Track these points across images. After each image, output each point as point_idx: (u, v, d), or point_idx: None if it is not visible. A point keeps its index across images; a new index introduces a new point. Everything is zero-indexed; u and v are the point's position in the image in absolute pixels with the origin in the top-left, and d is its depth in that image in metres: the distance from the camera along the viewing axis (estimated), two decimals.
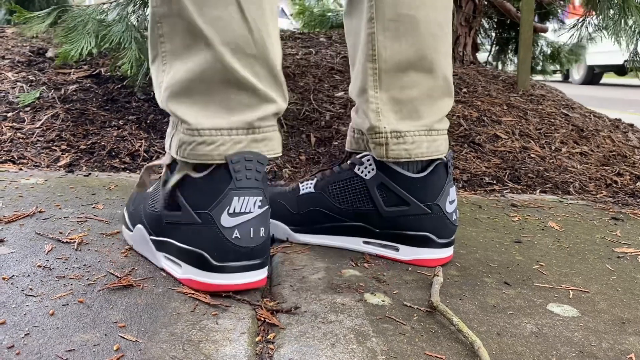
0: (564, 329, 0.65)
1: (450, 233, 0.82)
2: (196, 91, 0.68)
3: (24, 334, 0.54)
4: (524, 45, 2.25)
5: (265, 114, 0.69)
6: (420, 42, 0.79)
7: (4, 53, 1.83)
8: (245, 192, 0.66)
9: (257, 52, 0.67)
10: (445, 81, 0.83)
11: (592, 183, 1.55)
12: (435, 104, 0.83)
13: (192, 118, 0.67)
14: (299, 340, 0.57)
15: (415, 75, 0.81)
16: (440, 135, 0.83)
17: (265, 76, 0.68)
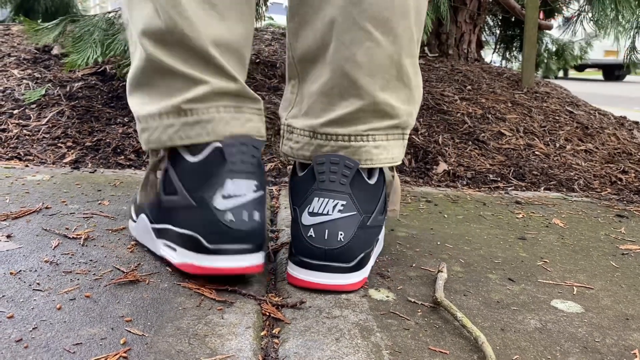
0: (568, 324, 0.65)
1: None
2: (140, 83, 0.72)
3: (31, 328, 0.55)
4: (529, 43, 2.24)
5: (195, 96, 0.68)
6: (320, 31, 0.71)
7: (10, 50, 1.84)
8: (240, 175, 0.66)
9: (175, 39, 0.67)
10: (345, 78, 0.71)
11: (596, 180, 1.55)
12: (330, 102, 0.72)
13: (136, 108, 0.72)
14: (304, 334, 0.58)
15: (319, 69, 0.73)
16: (331, 141, 0.72)
17: (191, 59, 0.68)
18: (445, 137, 1.65)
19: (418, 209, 1.11)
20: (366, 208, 0.70)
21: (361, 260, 0.69)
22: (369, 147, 0.71)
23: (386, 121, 0.72)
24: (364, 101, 0.70)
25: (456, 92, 2.02)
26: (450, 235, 0.95)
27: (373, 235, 0.72)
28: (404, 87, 0.73)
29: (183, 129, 0.68)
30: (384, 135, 0.73)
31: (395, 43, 0.70)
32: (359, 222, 0.68)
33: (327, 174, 0.68)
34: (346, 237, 0.67)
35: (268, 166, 1.36)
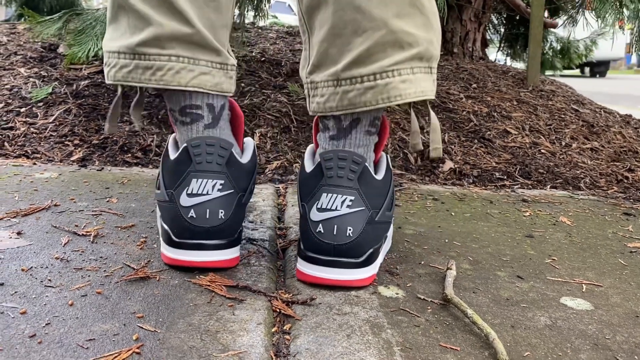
0: (578, 322, 0.65)
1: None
2: (110, 18, 0.73)
3: (44, 324, 0.55)
4: (534, 41, 2.24)
5: (146, 38, 0.69)
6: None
7: (16, 49, 1.84)
8: (204, 174, 0.69)
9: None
10: (358, 11, 0.68)
11: (603, 179, 1.55)
12: (345, 43, 0.70)
13: (104, 42, 0.74)
14: (314, 331, 0.58)
15: (322, 13, 0.71)
16: (356, 84, 0.70)
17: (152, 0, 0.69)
18: (451, 135, 1.65)
19: (425, 207, 1.11)
20: (374, 203, 0.70)
21: (370, 255, 0.69)
22: (396, 83, 0.69)
23: (407, 51, 0.69)
24: (380, 32, 0.67)
25: (461, 90, 2.02)
26: (458, 233, 0.95)
27: (381, 231, 0.72)
28: (418, 13, 0.69)
29: (135, 71, 0.71)
30: (409, 68, 0.70)
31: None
32: (367, 217, 0.69)
33: (335, 170, 0.69)
34: (355, 232, 0.68)
35: (274, 164, 1.36)
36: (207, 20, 0.71)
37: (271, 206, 1.03)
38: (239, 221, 0.72)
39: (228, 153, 0.70)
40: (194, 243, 0.69)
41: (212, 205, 0.69)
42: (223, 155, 0.70)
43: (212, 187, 0.69)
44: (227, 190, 0.70)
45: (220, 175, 0.69)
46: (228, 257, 0.71)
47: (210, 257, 0.69)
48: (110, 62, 0.73)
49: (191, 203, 0.69)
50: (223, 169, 0.70)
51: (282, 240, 0.87)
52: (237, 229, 0.72)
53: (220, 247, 0.70)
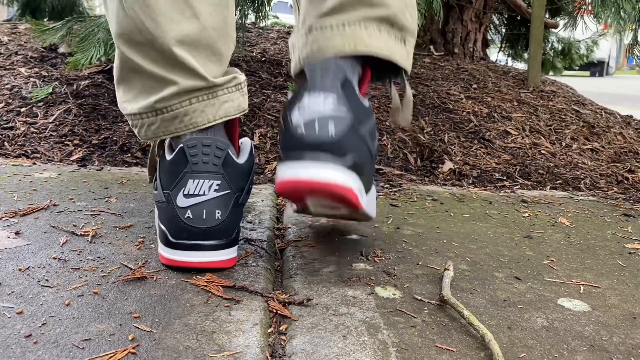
0: (575, 323, 0.65)
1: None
2: (120, 79, 0.76)
3: (40, 324, 0.55)
4: (535, 41, 2.24)
5: (165, 95, 0.71)
6: None
7: (17, 49, 1.85)
8: (201, 175, 0.69)
9: (144, 39, 0.70)
10: None
11: (603, 179, 1.55)
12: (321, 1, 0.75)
13: (121, 105, 0.77)
14: (310, 331, 0.58)
15: None
16: (326, 30, 0.74)
17: (159, 59, 0.71)
18: (451, 136, 1.65)
19: (424, 208, 1.11)
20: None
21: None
22: (363, 34, 0.72)
23: (374, 10, 0.73)
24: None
25: (462, 90, 2.02)
26: (457, 234, 0.95)
27: (363, 150, 0.70)
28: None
29: (163, 124, 0.73)
30: (376, 26, 0.73)
31: None
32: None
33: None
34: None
35: (273, 165, 1.36)
36: (217, 67, 0.74)
37: (270, 206, 1.03)
38: (236, 221, 0.72)
39: (224, 153, 0.71)
40: (190, 244, 0.69)
41: (209, 205, 0.69)
42: (219, 156, 0.70)
43: (209, 188, 0.69)
44: (224, 190, 0.70)
45: (217, 176, 0.70)
46: (225, 258, 0.71)
47: (207, 258, 0.70)
48: (135, 124, 0.75)
49: (188, 204, 0.69)
50: (219, 170, 0.70)
51: (280, 241, 0.87)
52: (234, 229, 0.72)
53: (217, 248, 0.70)
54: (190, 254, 0.69)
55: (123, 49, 0.72)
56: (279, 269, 0.77)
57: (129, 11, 0.69)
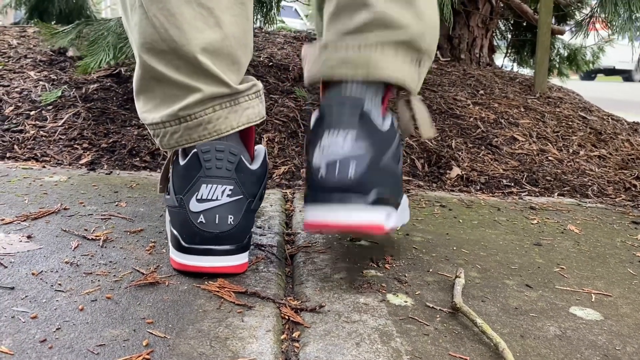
0: (588, 332, 0.65)
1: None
2: (140, 89, 0.76)
3: (55, 329, 0.55)
4: (542, 48, 2.24)
5: (189, 103, 0.71)
6: None
7: (26, 52, 1.86)
8: (214, 180, 0.70)
9: (167, 47, 0.70)
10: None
11: (610, 186, 1.54)
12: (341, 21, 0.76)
13: (142, 115, 0.77)
14: (324, 339, 0.58)
15: (329, 2, 0.78)
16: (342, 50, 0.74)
17: (183, 67, 0.71)
18: (458, 142, 1.65)
19: (433, 214, 1.10)
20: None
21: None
22: (377, 58, 0.73)
23: (393, 32, 0.73)
24: (372, 14, 0.73)
25: (469, 96, 2.02)
26: (466, 241, 0.95)
27: (387, 180, 0.72)
28: (409, 5, 0.74)
29: (187, 132, 0.72)
30: (392, 49, 0.74)
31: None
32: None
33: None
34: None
35: (281, 169, 1.36)
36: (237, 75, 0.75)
37: (279, 212, 1.03)
38: (248, 227, 0.73)
39: (237, 159, 0.71)
40: (202, 248, 0.69)
41: (222, 210, 0.70)
42: (232, 161, 0.71)
43: (222, 193, 0.70)
44: (236, 196, 0.71)
45: (230, 181, 0.70)
46: (236, 263, 0.71)
47: (218, 263, 0.70)
48: (157, 133, 0.75)
49: (201, 208, 0.69)
50: (232, 175, 0.70)
51: (290, 246, 0.87)
52: (246, 234, 0.72)
53: (229, 253, 0.70)
54: (202, 258, 0.69)
55: (145, 58, 0.72)
56: (290, 274, 0.78)
57: (153, 19, 0.70)
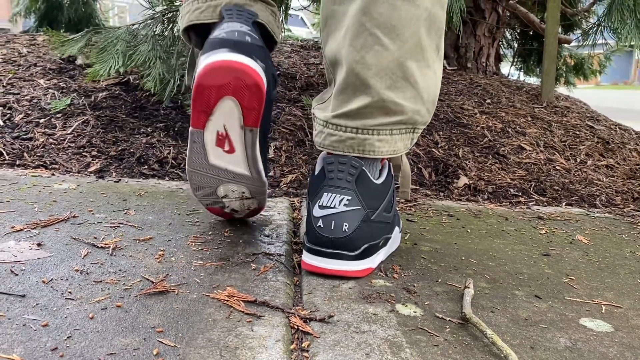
0: (598, 344, 0.64)
1: (314, 239, 0.77)
2: None
3: (66, 337, 0.55)
4: (549, 57, 2.24)
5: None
6: (341, 38, 0.80)
7: (36, 60, 1.87)
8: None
9: None
10: (357, 78, 0.78)
11: (618, 196, 1.54)
12: (345, 99, 0.80)
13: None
14: (333, 349, 0.58)
15: (340, 71, 0.81)
16: (340, 131, 0.80)
17: None
18: (466, 151, 1.65)
19: (441, 223, 1.10)
20: (371, 204, 0.78)
21: (365, 250, 0.77)
22: (373, 140, 0.78)
23: (392, 117, 0.78)
24: (372, 98, 0.77)
25: (476, 105, 2.02)
26: (474, 251, 0.95)
27: (379, 230, 0.80)
28: (410, 87, 0.78)
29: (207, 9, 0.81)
30: (388, 130, 0.79)
31: (401, 47, 0.76)
32: (362, 215, 0.77)
33: (335, 172, 0.77)
34: (350, 228, 0.76)
35: (289, 178, 1.37)
36: None
37: (287, 220, 1.03)
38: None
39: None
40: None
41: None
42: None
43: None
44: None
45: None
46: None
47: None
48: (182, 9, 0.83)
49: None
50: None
51: (298, 255, 0.87)
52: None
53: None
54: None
55: None
56: (298, 284, 0.77)
57: None
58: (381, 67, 0.76)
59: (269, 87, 0.78)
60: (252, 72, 0.73)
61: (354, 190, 0.76)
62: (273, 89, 0.82)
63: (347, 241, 0.76)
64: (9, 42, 2.15)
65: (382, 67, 0.76)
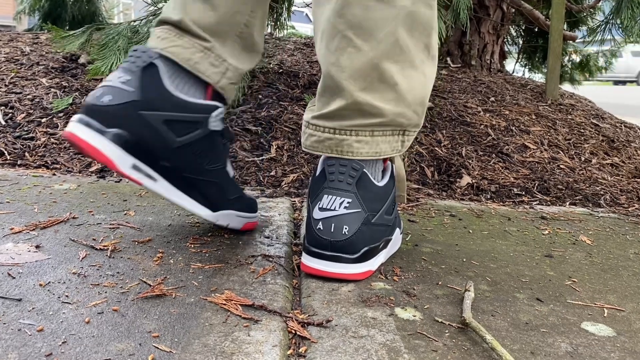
0: (600, 349, 0.63)
1: (313, 241, 0.76)
2: None
3: (61, 342, 0.55)
4: (553, 54, 2.22)
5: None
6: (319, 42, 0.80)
7: (38, 59, 1.87)
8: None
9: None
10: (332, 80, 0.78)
11: (623, 195, 1.52)
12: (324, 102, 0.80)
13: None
14: (330, 354, 0.57)
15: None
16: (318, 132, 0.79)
17: None
18: (469, 150, 1.64)
19: (442, 224, 1.09)
20: (372, 207, 0.77)
21: (365, 253, 0.76)
22: (351, 141, 0.77)
23: (370, 119, 0.76)
24: (347, 101, 0.76)
25: (479, 103, 2.01)
26: (476, 252, 0.94)
27: (379, 233, 0.79)
28: (389, 89, 0.76)
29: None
30: (368, 131, 0.77)
31: (375, 49, 0.74)
32: (363, 218, 0.76)
33: (336, 174, 0.76)
34: (350, 231, 0.75)
35: (290, 177, 1.36)
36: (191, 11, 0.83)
37: (287, 221, 1.03)
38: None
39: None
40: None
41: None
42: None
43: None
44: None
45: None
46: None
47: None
48: None
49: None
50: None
51: (298, 257, 0.87)
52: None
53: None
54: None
55: None
56: (297, 286, 0.77)
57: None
58: (355, 69, 0.75)
59: (140, 146, 0.76)
60: (94, 153, 0.73)
61: (354, 192, 0.75)
62: (182, 135, 0.78)
63: (347, 244, 0.75)
64: (12, 41, 2.15)
65: (355, 69, 0.75)
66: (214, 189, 0.85)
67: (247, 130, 1.56)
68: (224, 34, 0.83)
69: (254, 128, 1.56)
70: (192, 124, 0.79)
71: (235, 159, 1.42)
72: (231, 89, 0.86)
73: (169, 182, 0.81)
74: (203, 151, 0.82)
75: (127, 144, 0.75)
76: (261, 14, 0.87)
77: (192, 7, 0.81)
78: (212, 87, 0.83)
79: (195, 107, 0.79)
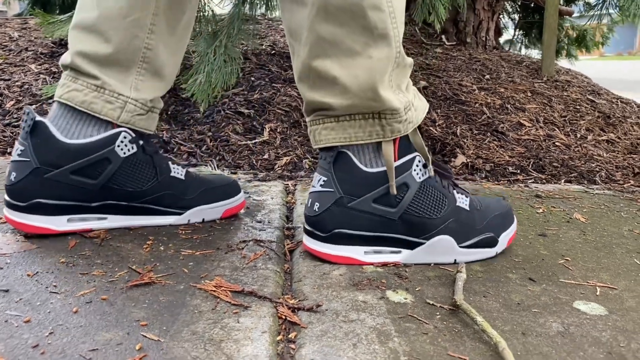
0: (591, 328, 0.63)
1: (307, 220, 0.79)
2: None
3: (48, 333, 0.55)
4: (549, 30, 2.19)
5: None
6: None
7: (27, 45, 1.85)
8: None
9: None
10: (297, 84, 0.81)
11: (619, 172, 1.52)
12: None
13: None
14: (320, 339, 0.57)
15: None
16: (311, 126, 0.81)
17: None
18: (464, 129, 1.63)
19: None
20: (350, 190, 0.76)
21: (336, 235, 0.76)
22: (319, 129, 0.78)
23: (325, 112, 0.77)
24: (305, 100, 0.79)
25: (474, 81, 1.99)
26: None
27: (363, 220, 0.76)
28: (330, 84, 0.75)
29: None
30: (332, 118, 0.77)
31: (304, 50, 0.75)
32: (335, 199, 0.76)
33: (322, 155, 0.79)
34: (320, 208, 0.77)
35: (283, 160, 1.35)
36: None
37: (280, 204, 1.02)
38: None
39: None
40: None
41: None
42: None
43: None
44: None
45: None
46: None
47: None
48: None
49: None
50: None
51: (290, 242, 0.86)
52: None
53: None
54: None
55: None
56: (289, 271, 0.77)
57: None
58: (298, 72, 0.78)
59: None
60: (26, 228, 0.78)
61: (330, 172, 0.77)
62: (97, 177, 0.79)
63: (316, 221, 0.77)
64: (0, 27, 2.12)
65: (299, 72, 0.78)
66: (168, 198, 0.85)
67: (239, 113, 1.54)
68: (127, 62, 0.80)
69: (247, 111, 1.55)
70: (100, 162, 0.79)
71: (227, 143, 1.41)
72: (141, 119, 0.82)
73: (117, 214, 0.83)
74: (130, 178, 0.81)
75: (50, 206, 0.78)
76: (165, 33, 0.82)
77: (85, 42, 0.79)
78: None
79: (94, 146, 0.78)
